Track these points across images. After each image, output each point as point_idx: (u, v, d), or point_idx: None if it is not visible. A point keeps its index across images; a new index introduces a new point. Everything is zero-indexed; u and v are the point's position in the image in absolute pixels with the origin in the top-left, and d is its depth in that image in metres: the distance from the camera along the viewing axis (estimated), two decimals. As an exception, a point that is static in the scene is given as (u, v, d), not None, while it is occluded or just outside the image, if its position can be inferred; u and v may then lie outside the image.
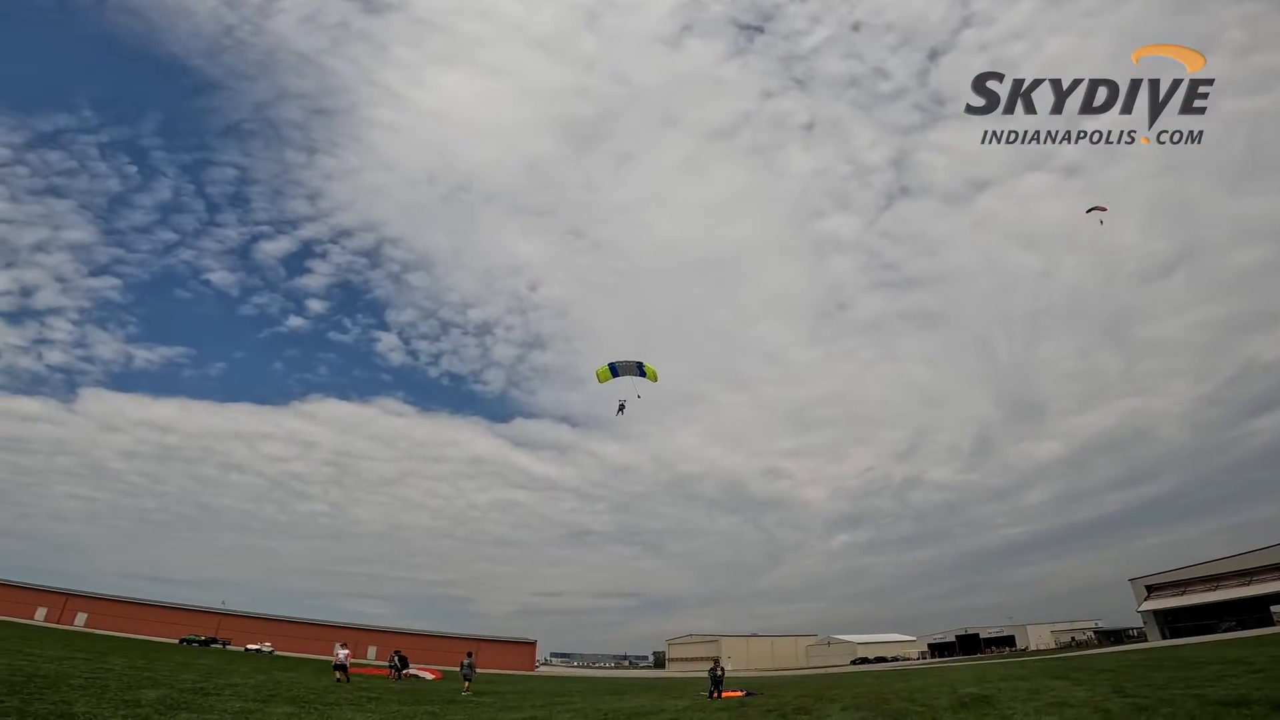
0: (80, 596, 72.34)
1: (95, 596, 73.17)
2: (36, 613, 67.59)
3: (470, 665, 20.85)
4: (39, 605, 69.12)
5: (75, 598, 71.86)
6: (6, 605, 65.43)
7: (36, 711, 6.72)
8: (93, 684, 10.67)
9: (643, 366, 25.63)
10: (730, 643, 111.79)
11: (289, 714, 10.89)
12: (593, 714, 16.42)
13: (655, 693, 28.24)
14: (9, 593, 69.33)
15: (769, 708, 17.40)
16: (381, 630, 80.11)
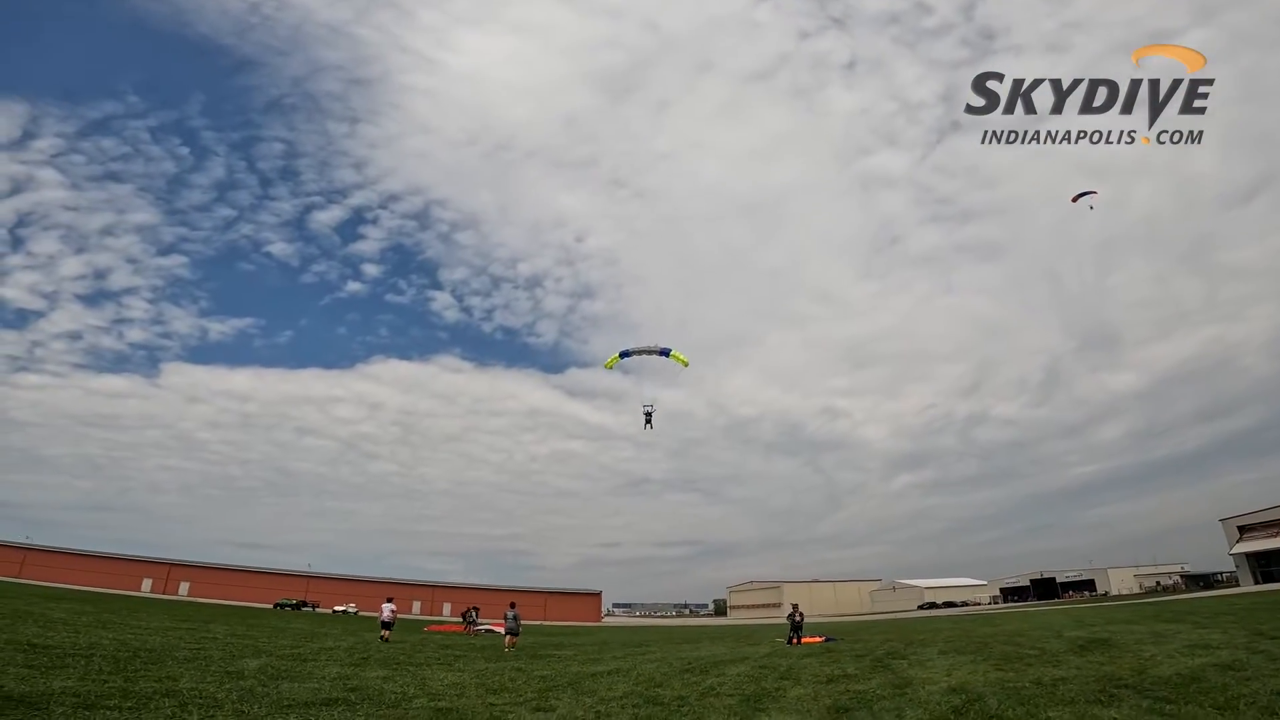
0: (182, 566, 77.48)
1: (195, 565, 78.30)
2: (143, 584, 73.08)
3: (515, 618, 20.35)
4: (145, 577, 74.49)
5: (177, 567, 77.04)
6: (115, 578, 70.83)
7: (141, 690, 6.71)
8: (197, 656, 10.97)
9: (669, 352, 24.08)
10: (792, 589, 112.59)
11: (384, 677, 11.04)
12: (676, 663, 16.35)
13: (729, 640, 28.38)
14: (117, 565, 74.83)
15: (859, 653, 17.04)
16: (453, 587, 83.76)
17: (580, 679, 12.66)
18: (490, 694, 10.02)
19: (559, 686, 11.42)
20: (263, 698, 7.62)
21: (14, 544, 74.29)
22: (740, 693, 10.39)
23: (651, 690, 10.96)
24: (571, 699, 9.84)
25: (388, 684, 10.15)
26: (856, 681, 11.18)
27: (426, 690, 9.84)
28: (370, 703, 8.24)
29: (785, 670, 13.65)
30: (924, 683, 10.33)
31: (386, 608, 22.55)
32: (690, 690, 10.91)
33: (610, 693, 10.72)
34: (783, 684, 11.36)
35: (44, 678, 6.88)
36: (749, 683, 11.72)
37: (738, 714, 8.48)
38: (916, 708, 8.16)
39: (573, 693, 10.56)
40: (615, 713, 8.64)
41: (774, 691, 10.41)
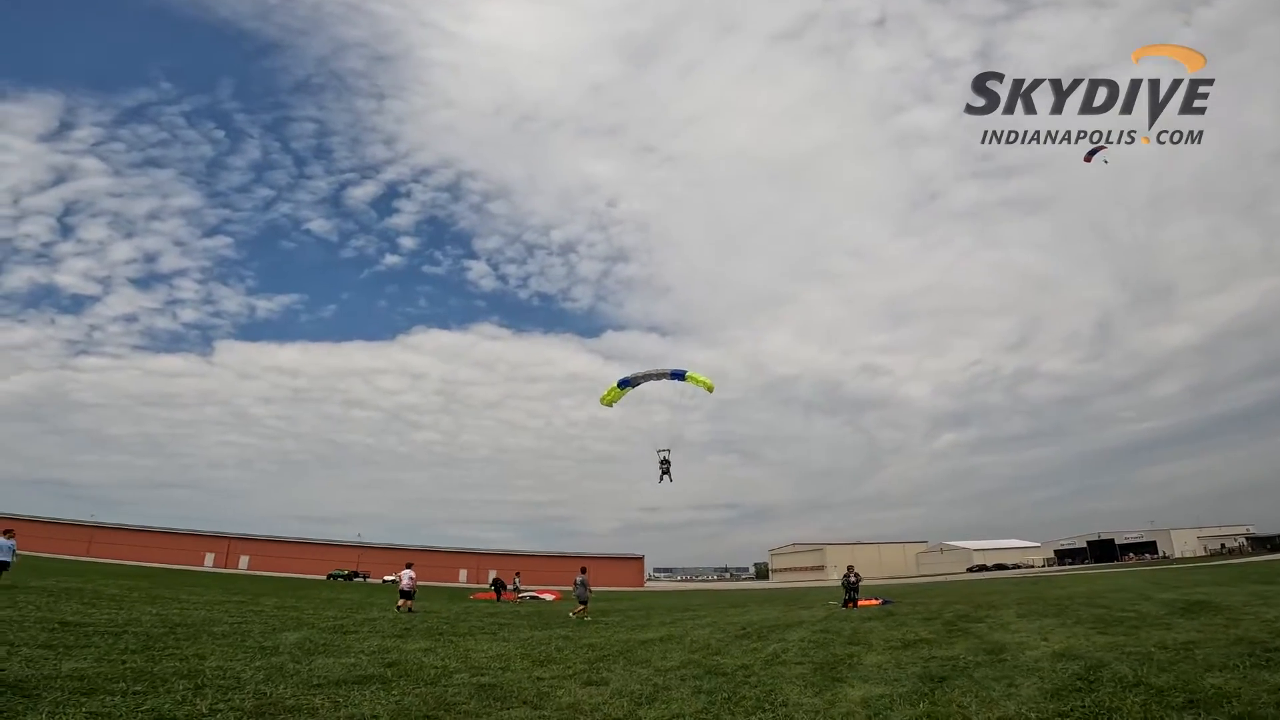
0: (241, 540, 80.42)
1: (254, 539, 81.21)
2: (205, 559, 76.22)
3: (584, 584, 19.47)
4: (207, 551, 77.64)
5: (236, 541, 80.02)
6: (178, 554, 73.96)
7: (159, 671, 6.10)
8: (236, 630, 10.57)
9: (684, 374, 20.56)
10: (834, 551, 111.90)
11: (425, 648, 10.48)
12: (729, 628, 15.63)
13: (779, 604, 27.68)
14: (180, 541, 78.11)
15: (926, 616, 16.07)
16: (499, 554, 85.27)
17: (631, 647, 11.97)
18: (537, 666, 9.35)
19: (609, 656, 10.72)
20: (291, 676, 7.00)
21: (81, 523, 78.14)
22: (809, 660, 9.51)
23: (709, 659, 10.16)
24: (624, 670, 9.09)
25: (428, 657, 9.55)
26: (937, 647, 10.19)
27: (469, 663, 9.20)
28: (407, 679, 7.58)
29: (851, 635, 12.75)
30: (1020, 648, 9.26)
31: (406, 574, 20.16)
32: (752, 658, 10.08)
33: (665, 663, 9.97)
34: (853, 650, 10.45)
35: (56, 659, 6.33)
36: (815, 649, 10.84)
37: (814, 685, 7.57)
38: (1028, 675, 7.12)
39: (624, 663, 9.83)
40: (674, 685, 7.83)
41: (847, 659, 9.49)
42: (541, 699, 6.94)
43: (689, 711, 6.45)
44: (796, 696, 7.01)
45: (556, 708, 6.57)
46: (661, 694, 7.28)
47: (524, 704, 6.69)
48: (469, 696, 6.85)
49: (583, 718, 6.23)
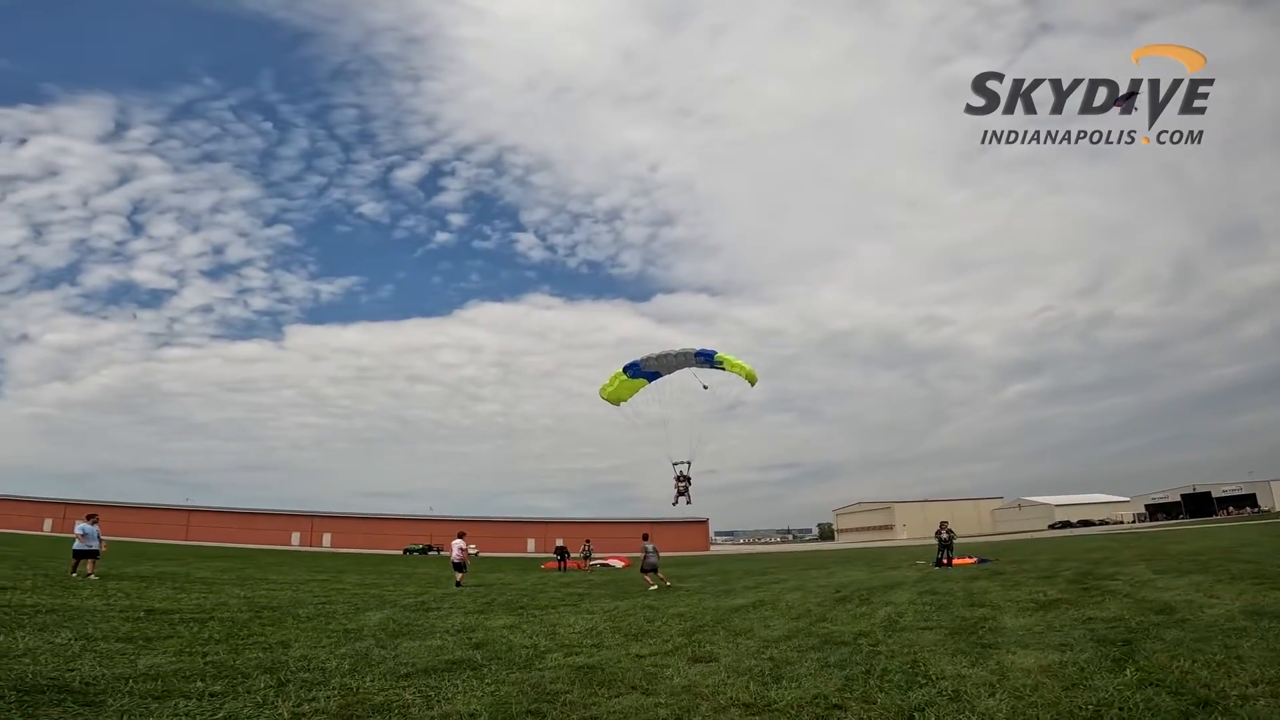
0: (324, 518, 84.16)
1: (334, 516, 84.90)
2: (292, 538, 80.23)
3: (654, 550, 18.05)
4: (293, 530, 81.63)
5: (320, 519, 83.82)
6: (268, 534, 78.03)
7: (241, 665, 5.58)
8: (321, 612, 10.31)
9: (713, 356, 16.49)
10: (903, 509, 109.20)
11: (510, 625, 9.97)
12: (820, 591, 14.74)
13: (860, 565, 26.63)
14: (269, 521, 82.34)
15: (1040, 574, 14.77)
16: (565, 522, 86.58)
17: (724, 616, 11.20)
18: (631, 641, 8.65)
19: (704, 627, 9.98)
20: (378, 664, 6.45)
21: (179, 507, 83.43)
22: (936, 624, 8.51)
23: (818, 627, 9.28)
24: (728, 643, 8.30)
25: (515, 635, 8.98)
26: (1083, 607, 8.99)
27: (559, 641, 8.58)
28: (498, 662, 6.96)
29: (966, 596, 11.65)
30: (1193, 606, 7.99)
31: (456, 545, 18.40)
32: (865, 624, 9.15)
33: (769, 632, 9.14)
34: (981, 612, 9.37)
35: (134, 653, 5.92)
36: (935, 611, 9.81)
37: (963, 652, 6.59)
38: (1239, 637, 5.91)
39: (725, 634, 9.05)
40: (793, 659, 6.98)
41: (981, 622, 8.44)
42: (650, 682, 6.19)
43: (828, 690, 5.58)
44: (951, 667, 6.05)
45: (671, 691, 5.80)
46: (785, 670, 6.43)
47: (632, 689, 5.94)
48: (569, 682, 6.15)
49: (705, 703, 5.42)
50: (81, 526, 14.20)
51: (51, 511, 76.57)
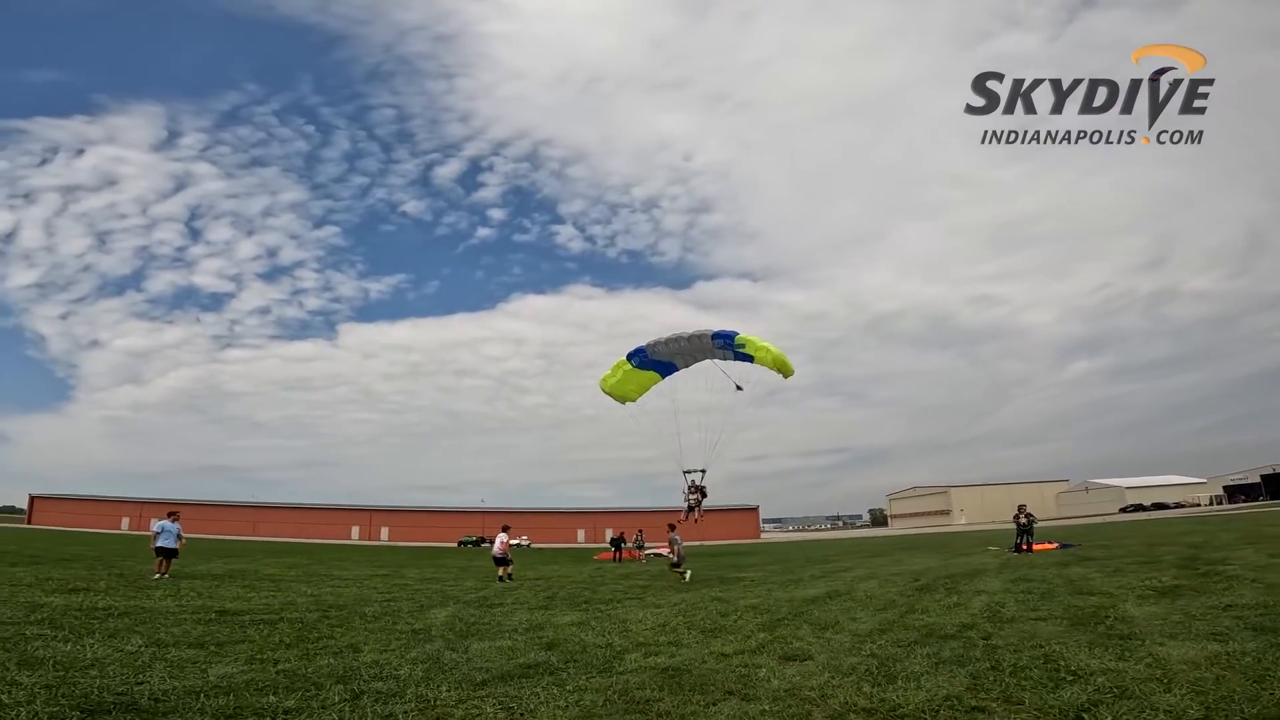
0: (381, 511, 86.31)
1: (391, 510, 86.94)
2: (351, 532, 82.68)
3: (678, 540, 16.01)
4: (352, 524, 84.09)
5: (378, 513, 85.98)
6: (329, 528, 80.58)
7: (313, 674, 5.29)
8: (386, 611, 10.14)
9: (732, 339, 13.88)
10: (960, 493, 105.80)
11: (577, 622, 9.57)
12: (897, 580, 13.96)
13: (927, 552, 25.53)
14: (330, 516, 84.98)
15: (1139, 559, 13.67)
16: (614, 512, 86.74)
17: (801, 608, 10.59)
18: (709, 638, 8.14)
19: (783, 621, 9.39)
20: (451, 670, 6.10)
21: (246, 504, 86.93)
22: (1047, 614, 7.74)
23: (911, 619, 8.59)
24: (817, 639, 7.71)
25: (586, 633, 8.56)
26: (1211, 595, 8.08)
27: (633, 639, 8.12)
28: (575, 665, 6.53)
29: (1068, 584, 10.74)
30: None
31: (499, 539, 17.10)
32: (965, 615, 8.41)
33: (858, 625, 8.51)
34: (1091, 601, 8.53)
35: (205, 662, 5.69)
36: (1038, 600, 9.00)
37: (1100, 645, 5.88)
38: None
39: (810, 629, 8.45)
40: (898, 656, 6.36)
41: (1099, 611, 7.63)
42: (746, 685, 5.66)
43: (956, 690, 4.96)
44: (1095, 660, 5.38)
45: (772, 696, 5.27)
46: (894, 668, 5.82)
47: (728, 694, 5.43)
48: (657, 687, 5.66)
49: (815, 710, 4.87)
50: (160, 524, 14.17)
51: (128, 510, 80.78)
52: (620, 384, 15.23)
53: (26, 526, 72.85)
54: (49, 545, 26.98)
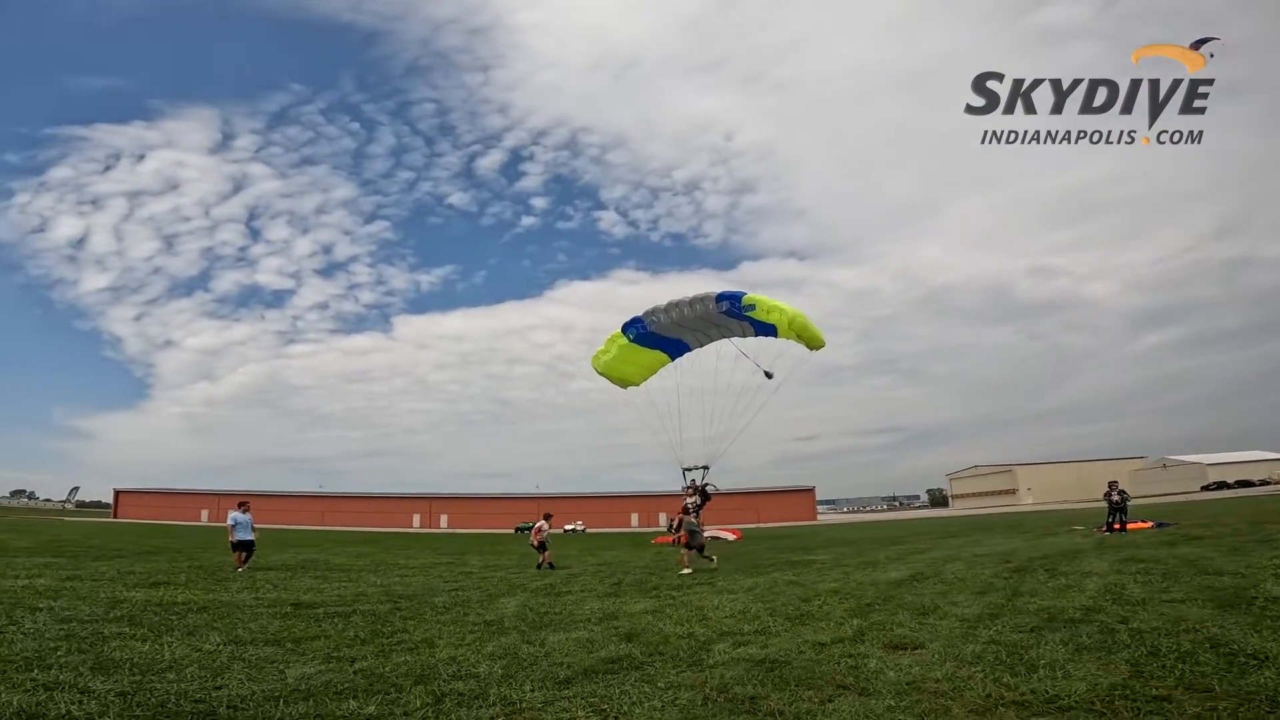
0: (440, 499, 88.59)
1: (450, 498, 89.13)
2: (413, 520, 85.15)
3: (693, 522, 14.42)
4: (413, 512, 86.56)
5: (437, 501, 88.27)
6: (392, 517, 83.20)
7: (391, 673, 5.02)
8: (456, 601, 9.97)
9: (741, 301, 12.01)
10: (1027, 472, 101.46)
11: (651, 610, 9.16)
12: (983, 562, 13.09)
13: (1004, 532, 24.28)
14: (392, 505, 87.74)
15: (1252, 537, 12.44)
16: (668, 495, 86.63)
17: (889, 592, 9.92)
18: (797, 625, 7.60)
19: (872, 606, 8.77)
20: (530, 666, 5.75)
21: (314, 494, 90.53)
22: (1187, 597, 6.89)
23: (1021, 602, 7.85)
24: (920, 625, 7.08)
25: (663, 622, 8.13)
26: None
27: (715, 627, 7.65)
28: (661, 659, 6.09)
29: (1186, 563, 9.73)
30: None
31: (539, 527, 16.67)
32: (1084, 598, 7.62)
33: (961, 609, 7.82)
34: (1229, 581, 7.61)
35: (283, 660, 5.48)
36: (1164, 582, 8.11)
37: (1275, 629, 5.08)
38: None
39: (908, 615, 7.81)
40: (1025, 643, 5.73)
41: (1240, 592, 6.76)
42: (858, 678, 5.13)
43: (1118, 678, 4.37)
44: (1270, 644, 4.67)
45: (895, 690, 4.73)
46: (1028, 656, 5.21)
47: (840, 688, 4.90)
48: (758, 683, 5.16)
49: (953, 704, 4.30)
50: (234, 516, 14.19)
51: (206, 503, 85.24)
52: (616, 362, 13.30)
53: (113, 520, 77.69)
54: (133, 539, 28.37)
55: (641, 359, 13.07)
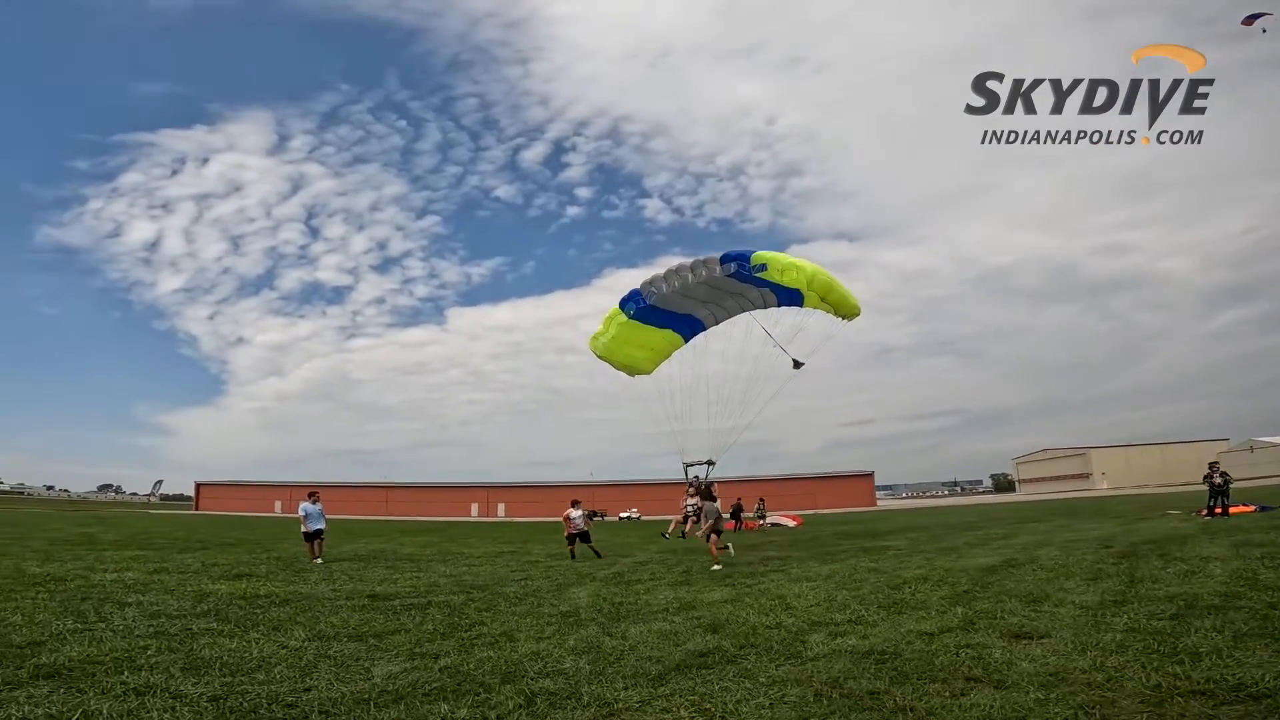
0: (498, 488, 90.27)
1: (507, 487, 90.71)
2: (471, 509, 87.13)
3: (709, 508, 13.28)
4: (472, 502, 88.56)
5: (494, 490, 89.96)
6: (451, 506, 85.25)
7: (479, 671, 4.85)
8: (527, 592, 9.83)
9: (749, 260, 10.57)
10: (1102, 455, 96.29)
11: (729, 598, 8.82)
12: (1079, 547, 12.23)
13: (1091, 517, 22.93)
14: (451, 494, 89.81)
15: None
16: (724, 481, 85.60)
17: (984, 578, 9.28)
18: (893, 614, 7.10)
19: (970, 593, 8.18)
20: (617, 660, 5.48)
21: (378, 484, 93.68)
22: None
23: (1145, 589, 7.14)
24: (1033, 613, 6.51)
25: (745, 611, 7.75)
26: None
27: (801, 617, 7.22)
28: (755, 651, 5.72)
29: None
30: None
31: (575, 514, 15.88)
32: (1214, 584, 6.88)
33: (1075, 596, 7.17)
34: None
35: (367, 657, 5.36)
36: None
37: None
38: None
39: (1017, 602, 7.21)
40: (1176, 631, 5.21)
41: None
42: (987, 669, 4.66)
43: None
44: None
45: (1036, 682, 4.29)
46: (1184, 644, 4.63)
47: (973, 680, 4.46)
48: (869, 675, 4.72)
49: (1117, 694, 3.82)
50: (305, 507, 14.38)
51: (279, 494, 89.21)
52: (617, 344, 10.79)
53: (194, 513, 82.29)
54: (213, 530, 29.71)
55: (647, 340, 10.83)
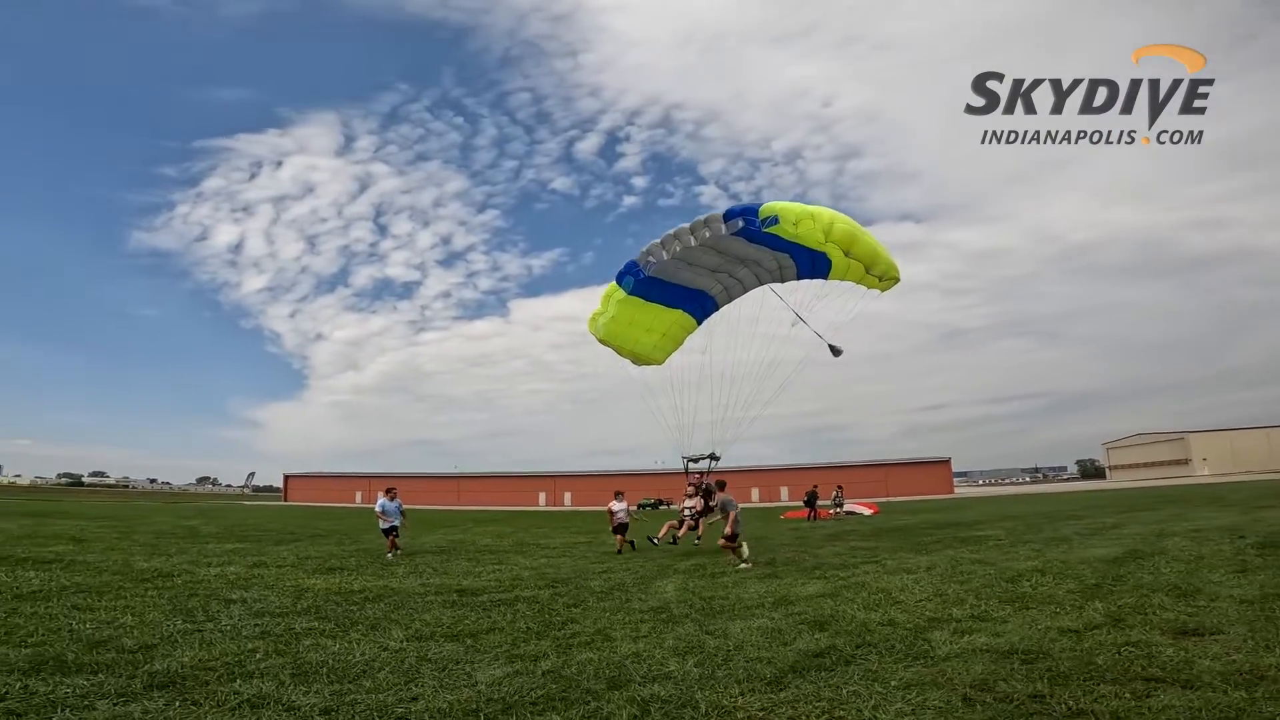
0: (564, 477, 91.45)
1: (573, 475, 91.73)
2: (539, 498, 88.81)
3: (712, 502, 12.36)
4: (539, 491, 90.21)
5: (560, 479, 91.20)
6: (520, 495, 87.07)
7: (581, 675, 4.78)
8: (611, 586, 9.71)
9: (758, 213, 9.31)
10: (1202, 440, 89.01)
11: (826, 593, 8.39)
12: (1211, 537, 11.10)
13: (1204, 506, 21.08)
14: (519, 483, 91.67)
15: None
16: (788, 469, 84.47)
17: (1113, 571, 8.45)
18: (1018, 610, 6.50)
19: (1100, 586, 7.44)
20: (724, 662, 5.19)
21: (450, 475, 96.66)
22: None
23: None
24: (1186, 607, 5.82)
25: (849, 606, 7.29)
26: None
27: (914, 612, 6.68)
28: (873, 650, 5.28)
29: None
30: None
31: (618, 506, 15.53)
32: None
33: (1230, 590, 6.40)
34: None
35: (469, 662, 5.26)
36: None
37: None
38: None
39: (1163, 596, 6.48)
40: None
41: None
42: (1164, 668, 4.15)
43: None
44: None
45: (1231, 681, 3.89)
46: None
47: (1153, 681, 4.07)
48: (1021, 677, 4.22)
49: None
50: (382, 503, 14.49)
51: (359, 485, 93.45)
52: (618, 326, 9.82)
53: (284, 503, 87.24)
54: (303, 521, 31.13)
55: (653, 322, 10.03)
